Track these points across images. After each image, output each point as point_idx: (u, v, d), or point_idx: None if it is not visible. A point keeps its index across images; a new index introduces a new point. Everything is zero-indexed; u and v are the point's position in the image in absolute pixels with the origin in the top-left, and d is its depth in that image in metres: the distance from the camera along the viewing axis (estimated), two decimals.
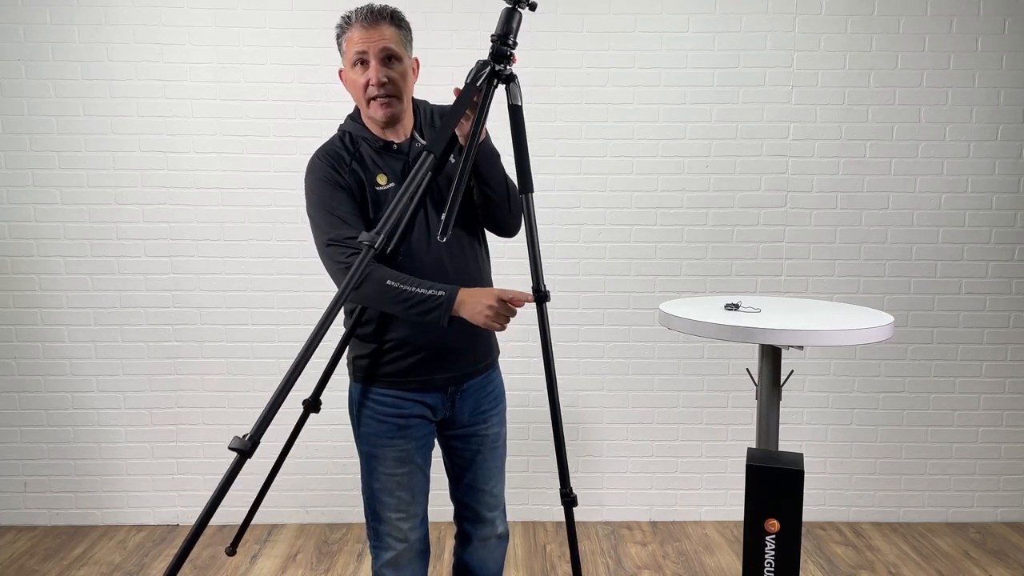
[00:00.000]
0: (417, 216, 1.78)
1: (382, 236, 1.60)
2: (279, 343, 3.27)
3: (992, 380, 3.33)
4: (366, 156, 1.83)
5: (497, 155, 1.87)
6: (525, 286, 1.75)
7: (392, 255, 1.74)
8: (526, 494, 3.34)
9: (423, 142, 1.86)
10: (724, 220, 3.28)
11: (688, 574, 2.94)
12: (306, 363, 1.58)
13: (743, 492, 1.81)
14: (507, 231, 1.95)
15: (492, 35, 1.66)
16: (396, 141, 1.85)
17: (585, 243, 3.27)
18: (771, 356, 1.98)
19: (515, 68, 2.01)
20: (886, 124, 3.24)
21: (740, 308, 2.05)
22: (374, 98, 1.78)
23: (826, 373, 3.34)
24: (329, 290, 3.44)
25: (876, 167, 3.26)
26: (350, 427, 3.51)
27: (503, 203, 1.87)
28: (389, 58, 1.79)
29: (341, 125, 1.91)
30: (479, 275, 1.90)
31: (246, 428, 3.52)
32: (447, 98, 3.39)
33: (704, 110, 3.24)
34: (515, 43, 1.65)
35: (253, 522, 3.41)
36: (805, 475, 1.79)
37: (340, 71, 1.87)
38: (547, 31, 3.18)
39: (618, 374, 3.32)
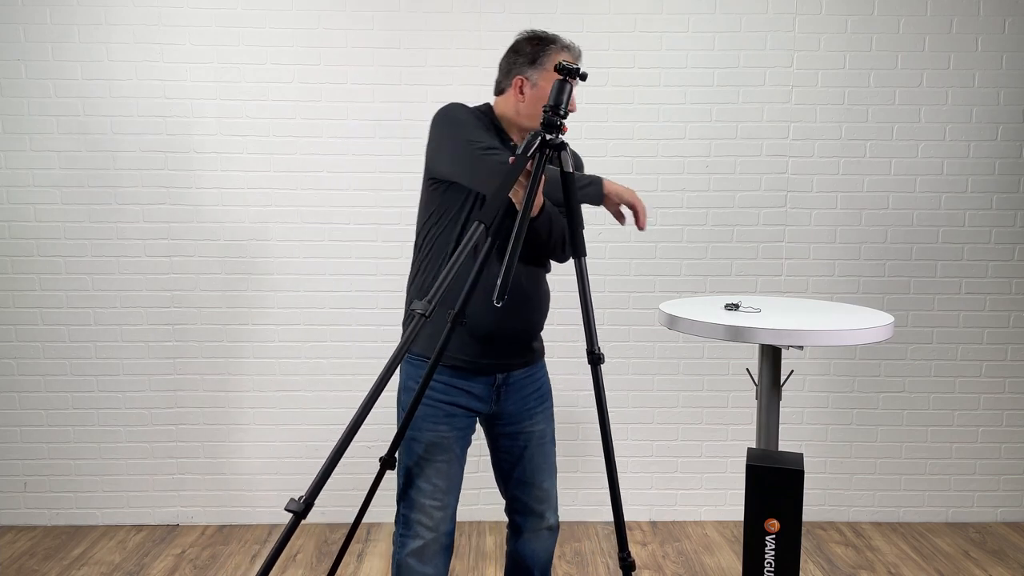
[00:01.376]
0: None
1: (433, 304, 1.60)
2: (279, 343, 3.27)
3: (992, 380, 3.33)
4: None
5: (554, 216, 1.91)
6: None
7: (457, 318, 1.74)
8: None
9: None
10: (724, 220, 3.28)
11: (688, 574, 2.94)
12: (360, 425, 1.58)
13: (743, 492, 1.81)
14: (557, 261, 2.05)
15: (544, 106, 1.69)
16: (514, 141, 1.96)
17: (585, 243, 3.26)
18: (771, 356, 1.98)
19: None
20: (886, 124, 3.24)
21: (740, 308, 2.05)
22: None
23: (826, 373, 3.34)
24: (332, 289, 3.44)
25: (876, 167, 3.26)
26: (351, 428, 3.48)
27: (555, 252, 1.98)
28: None
29: (479, 106, 2.00)
30: (546, 291, 2.03)
31: (246, 428, 3.55)
32: (442, 96, 3.39)
33: (704, 110, 3.24)
34: (566, 114, 1.68)
35: (253, 522, 3.43)
36: (805, 475, 1.79)
37: (520, 79, 1.93)
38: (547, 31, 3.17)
39: (618, 374, 3.32)
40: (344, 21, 3.16)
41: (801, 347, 1.82)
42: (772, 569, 1.79)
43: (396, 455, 1.94)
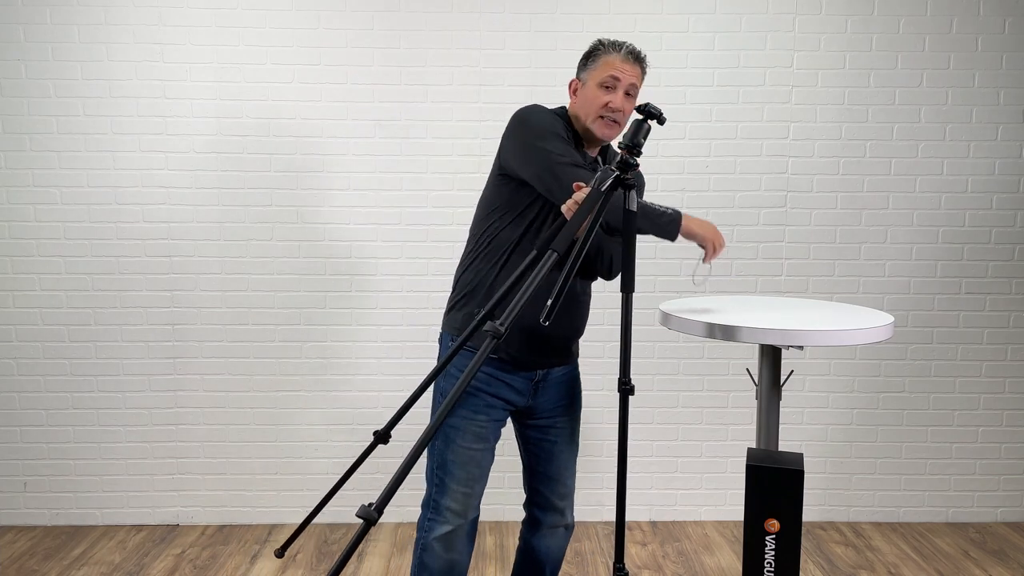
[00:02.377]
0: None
1: (506, 327, 1.58)
2: (279, 343, 3.27)
3: (992, 380, 3.33)
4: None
5: (603, 238, 1.96)
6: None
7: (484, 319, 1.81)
8: None
9: (602, 166, 1.95)
10: (724, 220, 3.28)
11: (688, 574, 2.94)
12: (433, 436, 1.57)
13: (743, 492, 1.81)
14: (604, 279, 2.11)
15: (620, 143, 1.69)
16: (585, 151, 2.00)
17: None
18: (771, 356, 1.98)
19: (511, 70, 2.03)
20: (886, 124, 3.24)
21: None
22: (602, 117, 1.94)
23: (826, 373, 3.34)
24: (332, 289, 3.44)
25: (876, 167, 3.26)
26: (351, 428, 3.51)
27: (602, 271, 2.05)
28: (629, 93, 1.96)
29: (555, 110, 2.03)
30: (588, 304, 2.10)
31: (246, 428, 3.54)
32: (442, 96, 3.38)
33: (704, 110, 3.24)
34: (640, 153, 1.71)
35: (253, 522, 3.43)
36: (805, 475, 1.79)
37: (574, 81, 2.02)
38: (547, 31, 3.18)
39: (618, 374, 3.32)
40: (344, 21, 3.16)
41: (801, 347, 1.82)
42: (772, 569, 1.78)
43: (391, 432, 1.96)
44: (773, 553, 1.78)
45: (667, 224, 1.88)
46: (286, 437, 3.32)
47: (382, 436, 2.01)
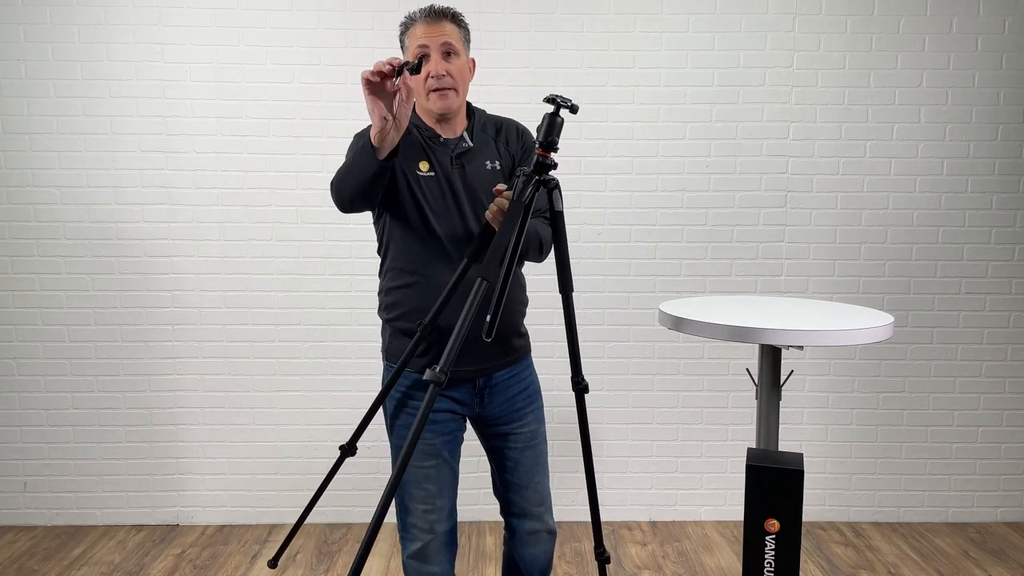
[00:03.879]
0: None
1: (447, 375, 1.58)
2: (279, 343, 3.27)
3: (992, 380, 3.33)
4: (415, 141, 1.91)
5: (536, 237, 1.88)
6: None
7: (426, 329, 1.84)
8: None
9: (470, 143, 1.92)
10: (724, 220, 3.28)
11: (688, 574, 2.94)
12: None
13: (743, 492, 1.81)
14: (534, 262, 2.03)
15: (536, 142, 1.66)
16: (445, 136, 1.91)
17: (585, 243, 3.27)
18: (771, 356, 1.98)
19: (511, 70, 2.03)
20: (886, 124, 3.24)
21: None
22: (434, 90, 1.85)
23: (826, 373, 3.34)
24: (332, 289, 3.44)
25: (876, 167, 3.26)
26: (350, 428, 3.52)
27: (525, 258, 1.95)
28: (449, 53, 1.86)
29: None
30: (518, 284, 2.00)
31: (245, 428, 3.54)
32: None
33: (704, 110, 3.24)
34: (557, 150, 1.66)
35: (253, 522, 3.43)
36: (805, 475, 1.79)
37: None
38: (547, 31, 3.18)
39: (618, 374, 3.32)
40: (344, 21, 3.16)
41: (801, 347, 1.82)
42: (772, 569, 1.78)
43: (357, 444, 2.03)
44: (773, 553, 1.78)
45: (361, 154, 1.76)
46: (286, 437, 3.32)
47: (349, 449, 2.05)
